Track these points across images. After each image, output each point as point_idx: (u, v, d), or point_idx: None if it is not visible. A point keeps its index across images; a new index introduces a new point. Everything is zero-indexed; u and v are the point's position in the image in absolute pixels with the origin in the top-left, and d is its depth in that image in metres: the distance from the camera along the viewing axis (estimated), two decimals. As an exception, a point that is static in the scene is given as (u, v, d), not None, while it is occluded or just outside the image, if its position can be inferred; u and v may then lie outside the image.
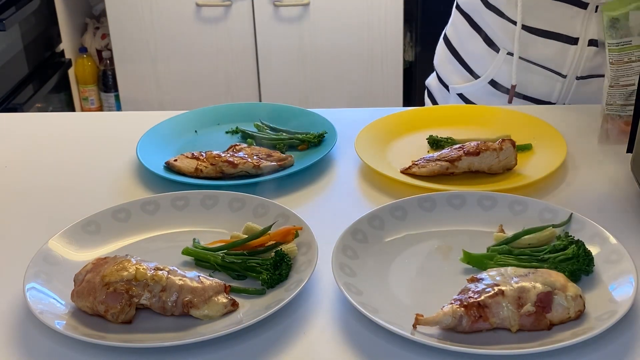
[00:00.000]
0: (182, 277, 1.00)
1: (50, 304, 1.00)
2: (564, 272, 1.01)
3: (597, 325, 0.92)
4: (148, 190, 1.32)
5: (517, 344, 0.92)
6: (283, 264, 1.04)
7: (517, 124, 1.46)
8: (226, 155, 1.34)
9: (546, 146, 1.39)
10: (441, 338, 0.93)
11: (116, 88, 3.54)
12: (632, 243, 1.10)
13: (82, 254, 1.11)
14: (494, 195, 1.20)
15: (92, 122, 1.68)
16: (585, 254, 1.02)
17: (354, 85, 3.36)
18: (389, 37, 3.30)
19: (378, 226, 1.14)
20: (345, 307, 1.02)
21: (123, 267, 0.99)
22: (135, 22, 3.31)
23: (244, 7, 3.25)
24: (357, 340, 0.96)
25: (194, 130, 1.51)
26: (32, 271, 1.04)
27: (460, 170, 1.31)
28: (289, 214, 1.15)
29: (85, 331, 0.96)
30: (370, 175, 1.35)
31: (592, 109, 1.58)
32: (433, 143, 1.43)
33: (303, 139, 1.42)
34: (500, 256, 1.07)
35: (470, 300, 0.94)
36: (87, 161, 1.44)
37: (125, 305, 0.97)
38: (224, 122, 1.52)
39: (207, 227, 1.18)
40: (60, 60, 3.32)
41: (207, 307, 0.99)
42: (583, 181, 1.31)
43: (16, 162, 1.45)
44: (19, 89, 2.92)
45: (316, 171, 1.36)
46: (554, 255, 1.05)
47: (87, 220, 1.16)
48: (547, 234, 1.09)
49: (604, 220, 1.13)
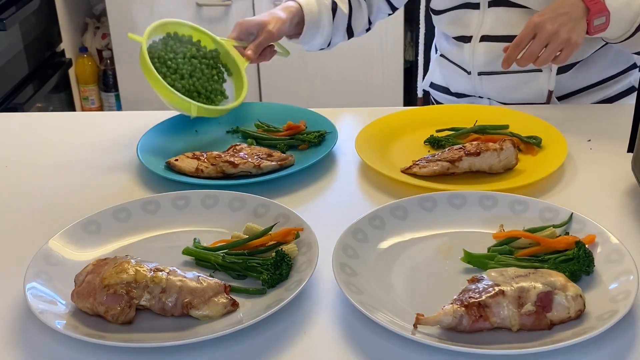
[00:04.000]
0: (182, 278, 1.00)
1: (50, 304, 1.00)
2: (565, 273, 1.01)
3: (597, 325, 0.92)
4: (149, 190, 1.32)
5: (517, 343, 0.92)
6: (283, 264, 1.04)
7: (518, 123, 1.46)
8: (227, 155, 1.34)
9: (547, 146, 1.39)
10: (442, 338, 0.93)
11: (116, 88, 3.53)
12: (633, 243, 1.10)
13: (83, 254, 1.11)
14: (495, 195, 1.20)
15: (93, 121, 1.68)
16: (586, 254, 1.02)
17: (354, 85, 3.36)
18: (389, 36, 3.29)
19: (379, 226, 1.14)
20: (345, 306, 1.01)
21: (123, 268, 0.99)
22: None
23: (244, 7, 3.25)
24: (358, 340, 0.96)
25: (194, 130, 1.50)
26: (33, 271, 1.04)
27: (461, 170, 1.30)
28: (290, 214, 1.15)
29: (86, 331, 0.96)
30: (371, 175, 1.35)
31: (593, 108, 1.58)
32: (433, 143, 1.43)
33: (304, 138, 1.42)
34: (500, 256, 1.07)
35: (470, 300, 0.94)
36: (88, 161, 1.44)
37: (125, 307, 0.97)
38: (224, 121, 1.52)
39: (207, 227, 1.18)
40: (60, 60, 3.31)
41: (207, 308, 0.99)
42: (583, 181, 1.31)
43: (16, 162, 1.45)
44: (19, 88, 2.92)
45: (317, 171, 1.36)
46: (555, 256, 1.05)
47: (88, 219, 1.16)
48: (548, 234, 1.09)
49: (605, 220, 1.13)
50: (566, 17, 1.39)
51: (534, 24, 1.40)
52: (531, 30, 1.40)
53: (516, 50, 1.42)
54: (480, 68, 1.63)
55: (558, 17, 1.39)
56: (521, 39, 1.42)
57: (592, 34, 1.42)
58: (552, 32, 1.39)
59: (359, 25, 1.73)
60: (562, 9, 1.40)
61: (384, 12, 1.75)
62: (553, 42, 1.39)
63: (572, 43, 1.40)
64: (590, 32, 1.41)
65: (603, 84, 1.64)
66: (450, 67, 1.72)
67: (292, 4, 1.62)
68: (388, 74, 3.37)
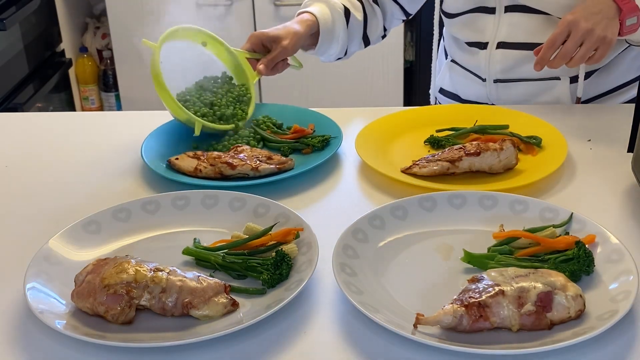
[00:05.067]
0: (182, 278, 1.00)
1: (50, 304, 1.00)
2: (565, 273, 1.01)
3: (597, 325, 0.92)
4: (149, 190, 1.32)
5: (517, 343, 0.92)
6: (284, 264, 1.04)
7: (518, 124, 1.46)
8: (226, 156, 1.34)
9: (547, 146, 1.39)
10: (442, 338, 0.93)
11: (116, 88, 3.53)
12: (633, 243, 1.10)
13: (83, 254, 1.11)
14: (495, 195, 1.20)
15: (93, 121, 1.68)
16: (586, 254, 1.02)
17: (354, 85, 3.36)
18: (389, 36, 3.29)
19: (379, 226, 1.14)
20: (345, 306, 1.01)
21: (123, 268, 0.99)
22: (136, 22, 3.31)
23: (244, 6, 3.25)
24: (358, 340, 0.96)
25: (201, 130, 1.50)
26: (33, 271, 1.04)
27: (461, 170, 1.30)
28: (290, 214, 1.15)
29: (86, 331, 0.96)
30: (371, 174, 1.35)
31: (593, 108, 1.58)
32: (433, 143, 1.43)
33: (308, 142, 1.42)
34: (501, 256, 1.07)
35: (470, 299, 0.94)
36: (88, 161, 1.44)
37: (125, 307, 0.97)
38: None
39: (207, 227, 1.18)
40: (60, 59, 3.31)
41: (207, 308, 0.99)
42: (584, 181, 1.31)
43: (16, 162, 1.45)
44: (19, 88, 2.92)
45: (317, 171, 1.36)
46: (555, 256, 1.05)
47: (88, 219, 1.16)
48: (548, 234, 1.09)
49: (605, 220, 1.13)
50: (599, 15, 1.37)
51: (568, 22, 1.37)
52: (565, 29, 1.37)
53: (550, 50, 1.39)
54: (497, 75, 1.61)
55: (591, 15, 1.37)
56: (555, 38, 1.38)
57: (624, 34, 1.40)
58: (587, 30, 1.36)
59: (374, 33, 1.71)
60: (594, 8, 1.37)
61: (398, 18, 1.73)
62: (588, 41, 1.36)
63: (607, 41, 1.37)
64: (622, 33, 1.39)
65: (622, 89, 1.63)
66: (462, 74, 1.69)
67: (307, 16, 1.58)
68: (388, 74, 3.37)
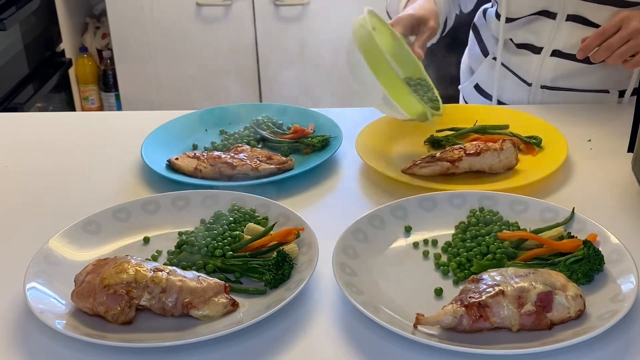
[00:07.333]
0: (182, 278, 1.00)
1: (50, 304, 1.00)
2: (577, 274, 1.01)
3: (598, 325, 0.92)
4: (149, 190, 1.32)
5: (517, 343, 0.92)
6: (285, 264, 1.04)
7: (518, 124, 1.46)
8: (226, 156, 1.34)
9: (547, 146, 1.39)
10: (442, 338, 0.93)
11: (116, 88, 3.53)
12: (633, 243, 1.10)
13: (83, 254, 1.11)
14: (495, 195, 1.19)
15: (93, 121, 1.68)
16: (595, 253, 1.02)
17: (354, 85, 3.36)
18: (389, 36, 3.30)
19: (379, 226, 1.14)
20: (345, 306, 1.01)
21: (123, 268, 0.99)
22: (136, 22, 3.31)
23: (244, 6, 3.25)
24: (358, 340, 0.96)
25: (204, 130, 1.50)
26: (33, 271, 1.04)
27: (461, 170, 1.30)
28: (290, 214, 1.15)
29: (85, 331, 0.96)
30: (371, 174, 1.34)
31: (593, 108, 1.58)
32: (433, 143, 1.43)
33: (308, 142, 1.42)
34: (509, 262, 1.06)
35: (470, 300, 0.94)
36: (88, 161, 1.44)
37: (125, 307, 0.97)
38: (235, 121, 1.52)
39: (207, 227, 1.18)
40: (60, 59, 3.31)
41: (207, 308, 0.98)
42: (584, 181, 1.31)
43: (16, 162, 1.45)
44: (19, 88, 2.92)
45: (317, 171, 1.36)
46: (565, 258, 1.04)
47: (88, 219, 1.16)
48: (556, 233, 1.09)
49: (605, 220, 1.13)
50: None
51: (621, 17, 1.35)
52: (617, 23, 1.35)
53: (596, 39, 1.37)
54: (546, 82, 1.58)
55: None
56: (604, 29, 1.36)
57: None
58: (637, 30, 1.34)
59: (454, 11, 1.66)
60: None
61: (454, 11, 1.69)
62: (635, 39, 1.35)
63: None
64: None
65: None
66: (505, 74, 1.65)
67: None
68: (388, 74, 3.37)
